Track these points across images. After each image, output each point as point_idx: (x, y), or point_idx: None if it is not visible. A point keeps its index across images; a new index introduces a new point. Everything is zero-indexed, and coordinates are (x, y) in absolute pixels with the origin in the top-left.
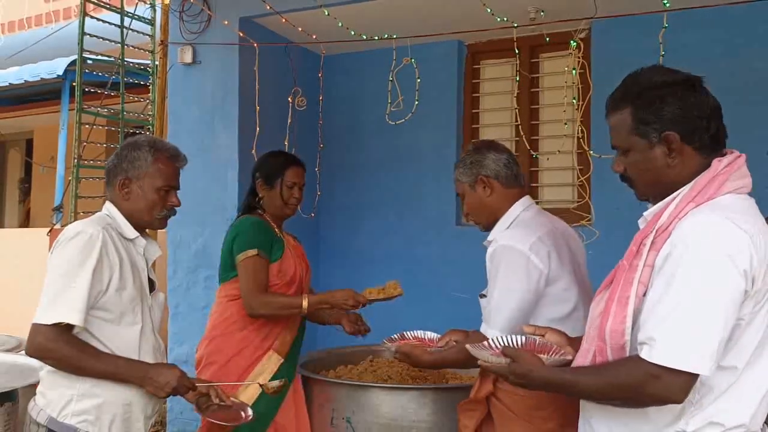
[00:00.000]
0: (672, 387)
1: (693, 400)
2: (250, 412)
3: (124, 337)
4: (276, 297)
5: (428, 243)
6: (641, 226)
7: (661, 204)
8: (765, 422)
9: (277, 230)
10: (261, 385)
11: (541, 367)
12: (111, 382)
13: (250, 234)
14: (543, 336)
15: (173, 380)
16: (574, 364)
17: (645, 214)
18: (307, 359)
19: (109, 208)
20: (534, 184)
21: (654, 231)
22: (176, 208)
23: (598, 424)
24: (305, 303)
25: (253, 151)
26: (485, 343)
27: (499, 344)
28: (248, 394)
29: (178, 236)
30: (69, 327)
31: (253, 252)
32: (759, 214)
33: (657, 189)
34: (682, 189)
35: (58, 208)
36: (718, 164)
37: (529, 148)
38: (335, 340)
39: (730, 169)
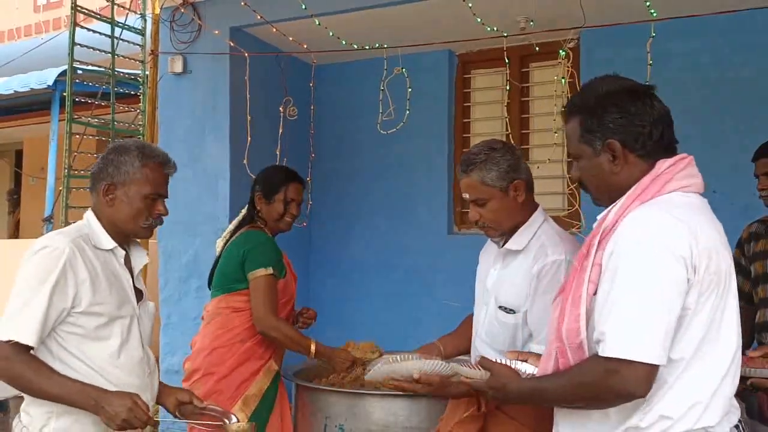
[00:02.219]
0: (631, 380)
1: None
2: (234, 419)
3: (99, 353)
4: (289, 328)
5: (420, 252)
6: (594, 228)
7: (610, 206)
8: (735, 426)
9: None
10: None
11: (515, 380)
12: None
13: (264, 251)
14: (525, 361)
15: (123, 411)
16: (540, 367)
17: (598, 217)
18: (299, 367)
19: (88, 216)
20: None
21: (601, 231)
22: (163, 218)
23: (563, 419)
24: (313, 348)
25: (245, 161)
26: (469, 359)
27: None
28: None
29: (169, 246)
30: (27, 346)
31: (268, 271)
32: (706, 211)
33: (606, 193)
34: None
35: (49, 219)
36: (661, 164)
37: None
38: None
39: (674, 169)
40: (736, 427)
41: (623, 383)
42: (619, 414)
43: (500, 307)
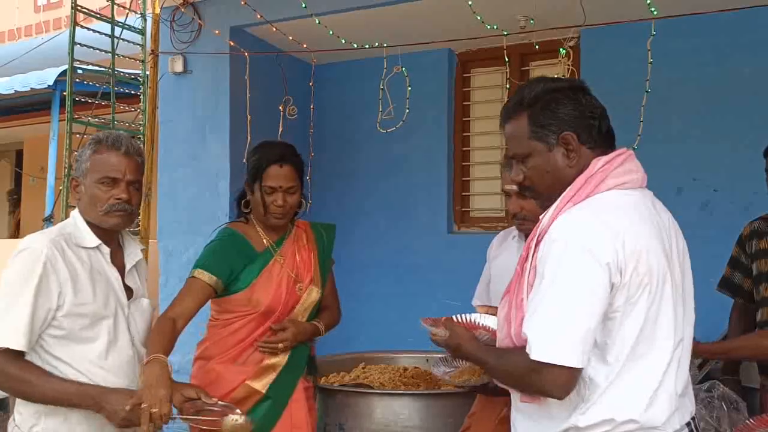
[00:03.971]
0: (550, 381)
1: (582, 395)
2: (238, 411)
3: (85, 355)
4: (157, 332)
5: (420, 250)
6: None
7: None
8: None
9: (266, 241)
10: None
11: (469, 343)
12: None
13: (206, 251)
14: (495, 314)
15: (121, 410)
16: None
17: (540, 217)
18: None
19: (74, 215)
20: None
21: (537, 233)
22: (127, 206)
23: (517, 419)
24: (148, 359)
25: (245, 160)
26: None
27: (460, 320)
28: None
29: (170, 245)
30: (19, 351)
31: (195, 272)
32: (642, 208)
33: (558, 191)
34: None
35: (49, 219)
36: (595, 163)
37: None
38: (326, 347)
39: (609, 167)
40: (688, 424)
41: (543, 383)
42: (560, 413)
43: None
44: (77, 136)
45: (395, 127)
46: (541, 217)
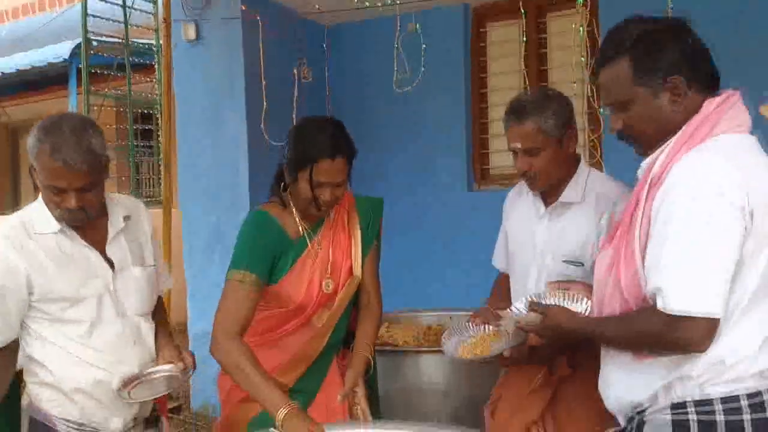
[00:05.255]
0: (692, 334)
1: None
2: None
3: (69, 334)
4: (245, 359)
5: (440, 210)
6: (639, 178)
7: (655, 153)
8: None
9: (302, 228)
10: None
11: (570, 320)
12: (69, 365)
13: (240, 244)
14: (568, 289)
15: None
16: (595, 312)
17: (642, 164)
18: None
19: (39, 199)
20: None
21: (648, 181)
22: (80, 213)
23: (614, 375)
24: (280, 415)
25: (262, 126)
26: (511, 308)
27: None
28: None
29: (191, 215)
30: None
31: (237, 274)
32: (758, 153)
33: (663, 138)
34: (675, 136)
35: None
36: (708, 105)
37: None
38: None
39: (722, 109)
40: None
41: (684, 338)
42: (669, 363)
43: (565, 260)
44: (95, 108)
45: (411, 86)
46: (644, 165)
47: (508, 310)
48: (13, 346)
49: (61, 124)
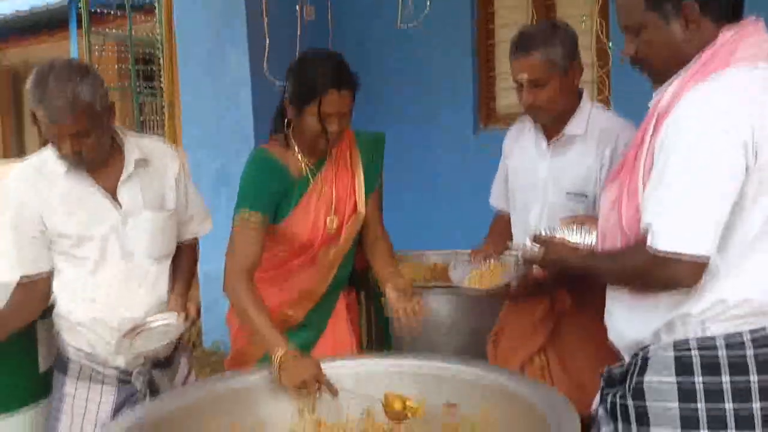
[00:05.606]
0: (678, 273)
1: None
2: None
3: (76, 271)
4: (250, 300)
5: (446, 153)
6: (649, 110)
7: (665, 85)
8: None
9: (305, 166)
10: None
11: (569, 253)
12: (74, 299)
13: (245, 184)
14: (583, 224)
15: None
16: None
17: (654, 95)
18: None
19: None
20: None
21: (656, 114)
22: (80, 157)
23: (617, 314)
24: (278, 353)
25: (264, 65)
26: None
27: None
28: None
29: (197, 160)
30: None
31: (241, 215)
32: None
33: (674, 67)
34: (686, 66)
35: None
36: (724, 35)
37: None
38: None
39: (738, 39)
40: None
41: (670, 276)
42: (670, 300)
43: (569, 193)
44: (96, 49)
45: (416, 22)
46: (654, 97)
47: (510, 243)
48: (42, 283)
49: (48, 75)
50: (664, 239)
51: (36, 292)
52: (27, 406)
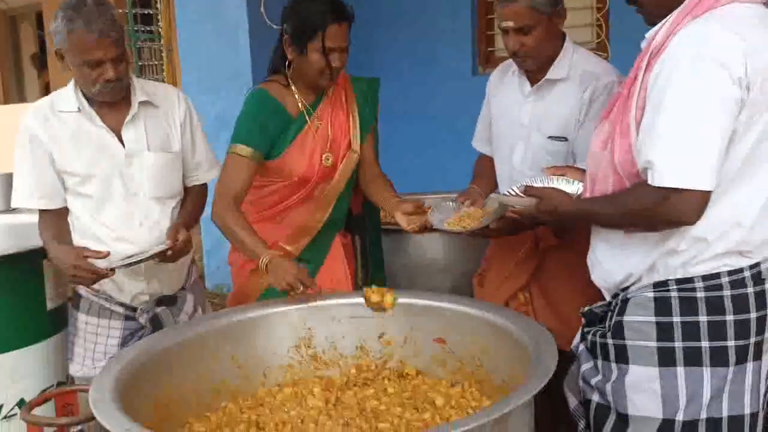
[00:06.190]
0: (683, 208)
1: None
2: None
3: (82, 208)
4: (237, 222)
5: (445, 96)
6: (642, 49)
7: (660, 23)
8: None
9: (301, 104)
10: None
11: (565, 202)
12: (81, 234)
13: (242, 120)
14: (564, 175)
15: (63, 265)
16: (587, 189)
17: (646, 35)
18: None
19: (71, 81)
20: None
21: (649, 52)
22: (117, 82)
23: (601, 252)
24: (264, 261)
25: (262, 9)
26: (508, 190)
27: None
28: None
29: (195, 103)
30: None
31: (236, 148)
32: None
33: (667, 7)
34: (681, 5)
35: None
36: None
37: None
38: None
39: None
40: None
41: (675, 211)
42: (657, 237)
43: (550, 137)
44: None
45: None
46: (647, 36)
47: (497, 192)
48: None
49: (78, 5)
50: (668, 174)
51: (62, 216)
52: (38, 343)
